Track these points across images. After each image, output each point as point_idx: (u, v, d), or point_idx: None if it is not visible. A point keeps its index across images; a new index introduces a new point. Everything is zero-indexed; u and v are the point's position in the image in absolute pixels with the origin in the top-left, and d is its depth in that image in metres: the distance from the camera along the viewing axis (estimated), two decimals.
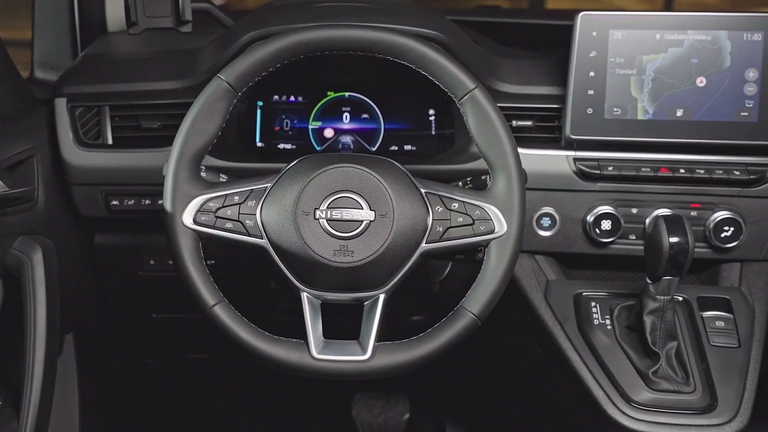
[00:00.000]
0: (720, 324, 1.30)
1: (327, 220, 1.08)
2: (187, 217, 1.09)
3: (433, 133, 1.47)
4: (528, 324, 1.37)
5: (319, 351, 1.08)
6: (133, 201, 1.39)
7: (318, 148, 1.48)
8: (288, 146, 1.48)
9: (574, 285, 1.38)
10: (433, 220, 1.10)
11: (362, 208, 1.08)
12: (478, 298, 1.09)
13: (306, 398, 2.01)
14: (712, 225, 1.35)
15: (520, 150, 1.33)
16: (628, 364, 1.25)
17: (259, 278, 1.50)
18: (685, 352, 1.26)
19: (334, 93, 1.49)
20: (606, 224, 1.36)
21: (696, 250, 1.36)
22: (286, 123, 1.49)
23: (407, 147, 1.47)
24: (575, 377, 1.26)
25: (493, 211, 1.10)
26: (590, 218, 1.36)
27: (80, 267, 1.46)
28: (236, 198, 1.11)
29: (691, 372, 1.23)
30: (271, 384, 1.97)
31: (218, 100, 1.11)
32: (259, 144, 1.48)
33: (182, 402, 1.98)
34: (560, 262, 1.44)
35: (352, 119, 1.48)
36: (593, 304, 1.33)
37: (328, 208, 1.08)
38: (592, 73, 1.32)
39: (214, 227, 1.10)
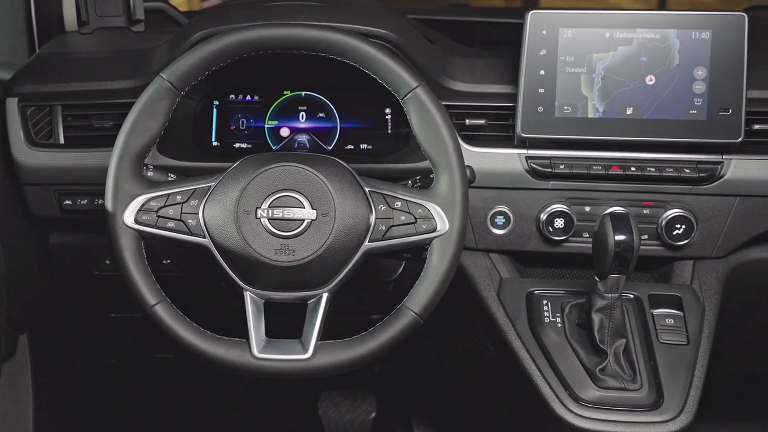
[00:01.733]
0: (670, 321, 1.30)
1: (268, 219, 1.08)
2: (128, 217, 1.09)
3: (389, 131, 1.47)
4: (481, 322, 1.38)
5: (260, 350, 1.08)
6: (86, 201, 1.38)
7: (274, 147, 1.48)
8: (244, 145, 1.48)
9: (527, 283, 1.38)
10: (375, 218, 1.11)
11: (304, 207, 1.09)
12: (419, 297, 1.09)
13: (273, 397, 2.01)
14: (664, 223, 1.35)
15: (474, 149, 1.36)
16: (576, 362, 1.25)
17: (213, 278, 1.50)
18: (633, 350, 1.26)
19: (291, 92, 1.49)
20: (559, 222, 1.36)
21: (649, 247, 1.38)
22: (242, 122, 1.48)
23: (363, 146, 1.47)
24: (524, 375, 1.26)
25: (435, 209, 1.10)
26: (543, 216, 1.36)
27: (35, 267, 1.46)
28: (179, 197, 1.11)
29: (639, 369, 1.24)
30: (237, 383, 1.97)
31: (160, 100, 1.11)
32: (214, 143, 1.48)
33: (148, 402, 1.98)
34: (516, 260, 1.45)
35: (308, 118, 1.48)
36: (545, 302, 1.34)
37: (269, 207, 1.08)
38: (542, 72, 1.32)
39: (155, 227, 1.10)
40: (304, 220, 1.08)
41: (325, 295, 1.11)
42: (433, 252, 1.10)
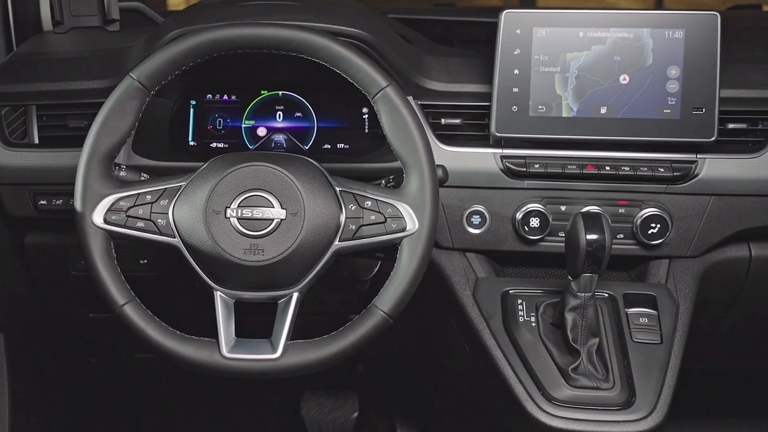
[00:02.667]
0: (644, 321, 1.30)
1: (237, 219, 1.08)
2: (97, 217, 1.09)
3: (366, 131, 1.47)
4: (457, 322, 1.38)
5: (229, 350, 1.08)
6: (61, 200, 1.38)
7: (251, 147, 1.48)
8: (221, 145, 1.48)
9: (502, 282, 1.38)
10: (345, 218, 1.11)
11: (273, 207, 1.09)
12: (389, 297, 1.10)
13: (255, 397, 2.01)
14: (639, 222, 1.35)
15: (450, 148, 1.36)
16: (550, 361, 1.25)
17: (189, 278, 1.50)
18: (606, 349, 1.26)
19: (268, 92, 1.49)
20: (534, 222, 1.36)
21: (624, 247, 1.38)
22: (219, 122, 1.48)
23: (340, 145, 1.47)
24: (498, 375, 1.26)
25: (405, 208, 1.11)
26: (519, 216, 1.36)
27: (11, 267, 1.46)
28: (148, 197, 1.11)
29: (612, 368, 1.24)
30: (219, 383, 1.97)
31: (129, 99, 1.11)
32: (191, 143, 1.48)
33: (129, 402, 1.98)
34: (493, 259, 1.45)
35: (285, 118, 1.48)
36: (519, 301, 1.34)
37: (239, 206, 1.08)
38: (516, 71, 1.32)
39: (125, 226, 1.10)
40: (273, 219, 1.08)
41: (295, 295, 1.11)
42: (403, 251, 1.10)
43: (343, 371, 2.04)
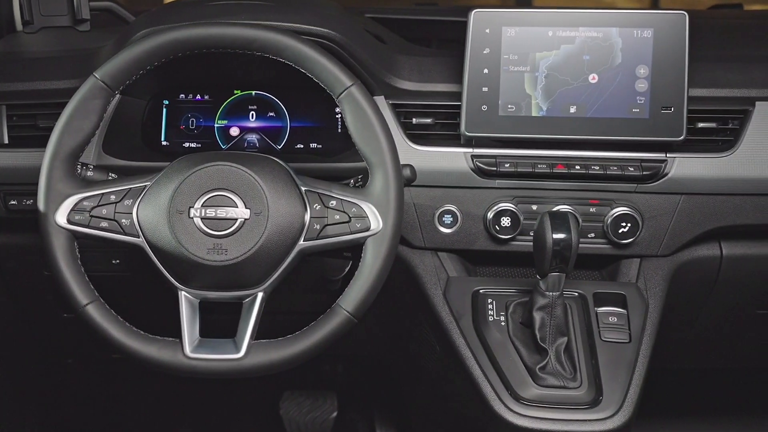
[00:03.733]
0: (613, 320, 1.30)
1: (201, 219, 1.08)
2: (61, 217, 1.09)
3: (339, 131, 1.47)
4: (428, 322, 1.38)
5: (192, 350, 1.09)
6: (31, 201, 1.38)
7: (223, 147, 1.48)
8: (193, 145, 1.48)
9: (473, 282, 1.38)
10: (310, 217, 1.11)
11: (237, 207, 1.09)
12: (353, 297, 1.10)
13: (234, 397, 2.00)
14: (609, 221, 1.35)
15: (421, 147, 1.36)
16: (518, 360, 1.25)
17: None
18: (575, 348, 1.26)
19: (241, 92, 1.49)
20: (506, 221, 1.36)
21: (596, 246, 1.38)
22: (192, 122, 1.48)
23: (313, 145, 1.47)
24: (467, 374, 1.26)
25: (369, 208, 1.11)
26: (490, 215, 1.36)
27: None
28: (113, 197, 1.11)
29: (579, 367, 1.24)
30: (198, 383, 1.97)
31: (93, 99, 1.11)
32: (164, 143, 1.48)
33: (106, 403, 1.97)
34: (465, 259, 1.45)
35: (258, 117, 1.48)
36: (489, 300, 1.34)
37: (202, 206, 1.08)
38: (486, 71, 1.32)
39: (88, 226, 1.10)
40: (237, 219, 1.08)
41: (260, 295, 1.11)
42: (367, 251, 1.10)
43: (323, 371, 2.04)
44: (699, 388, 2.00)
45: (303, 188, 1.13)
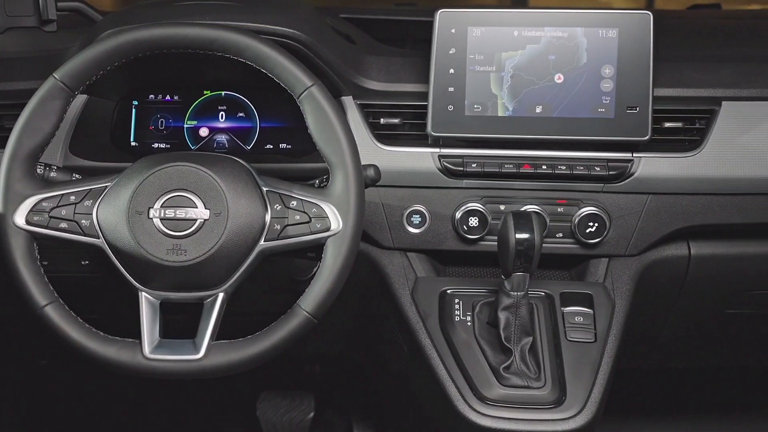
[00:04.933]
0: (579, 319, 1.30)
1: (160, 219, 1.08)
2: (19, 218, 1.09)
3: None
4: (396, 322, 1.37)
5: (151, 350, 1.08)
6: None
7: (193, 147, 1.47)
8: (162, 145, 1.48)
9: (441, 282, 1.38)
10: (271, 218, 1.11)
11: (196, 207, 1.08)
12: (312, 297, 1.09)
13: (211, 398, 2.00)
14: (576, 221, 1.35)
15: (388, 147, 1.36)
16: (483, 360, 1.25)
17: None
18: (540, 348, 1.26)
19: (211, 92, 1.49)
20: (473, 221, 1.36)
21: (564, 246, 1.38)
22: (161, 122, 1.48)
23: (282, 145, 1.47)
24: (432, 374, 1.26)
25: (329, 208, 1.10)
26: (458, 215, 1.36)
27: None
28: (72, 198, 1.11)
29: (544, 367, 1.24)
30: (175, 384, 1.96)
31: (52, 99, 1.11)
32: (133, 143, 1.47)
33: (83, 404, 1.97)
34: (435, 259, 1.45)
35: (227, 118, 1.48)
36: (456, 300, 1.34)
37: (161, 207, 1.08)
38: (452, 71, 1.32)
39: (47, 227, 1.10)
40: (196, 219, 1.08)
41: (221, 295, 1.11)
42: (328, 251, 1.10)
43: (300, 372, 2.04)
44: (671, 388, 2.01)
45: (264, 189, 1.13)
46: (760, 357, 1.74)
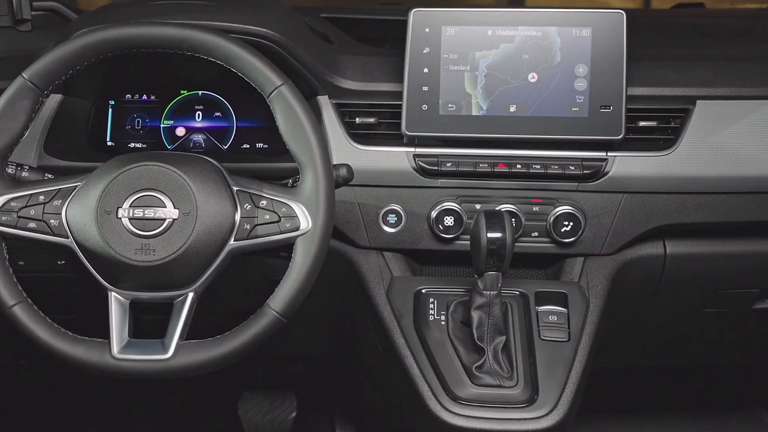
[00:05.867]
0: (553, 318, 1.30)
1: (129, 219, 1.08)
2: None
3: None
4: (371, 321, 1.37)
5: (119, 350, 1.08)
6: None
7: (169, 147, 1.47)
8: (139, 145, 1.47)
9: (416, 281, 1.38)
10: (240, 217, 1.10)
11: (165, 207, 1.08)
12: (281, 297, 1.09)
13: (193, 398, 2.00)
14: (552, 220, 1.35)
15: (363, 147, 1.36)
16: (456, 359, 1.25)
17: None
18: (513, 347, 1.26)
19: (188, 92, 1.49)
20: (449, 220, 1.36)
21: (539, 245, 1.38)
22: (138, 122, 1.48)
23: (259, 145, 1.47)
24: (406, 373, 1.26)
25: (299, 207, 1.10)
26: (434, 214, 1.36)
27: None
28: (41, 197, 1.11)
29: (517, 366, 1.24)
30: (156, 384, 1.96)
31: (21, 99, 1.11)
32: (109, 143, 1.47)
33: (63, 404, 1.96)
34: (412, 258, 1.45)
35: (204, 118, 1.48)
36: (431, 300, 1.34)
37: (130, 206, 1.08)
38: (426, 70, 1.32)
39: (16, 227, 1.10)
40: (165, 219, 1.08)
41: (190, 295, 1.11)
42: (297, 251, 1.10)
43: (282, 371, 2.04)
44: (650, 387, 2.01)
45: (235, 188, 1.12)
46: (738, 356, 1.74)
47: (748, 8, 2.43)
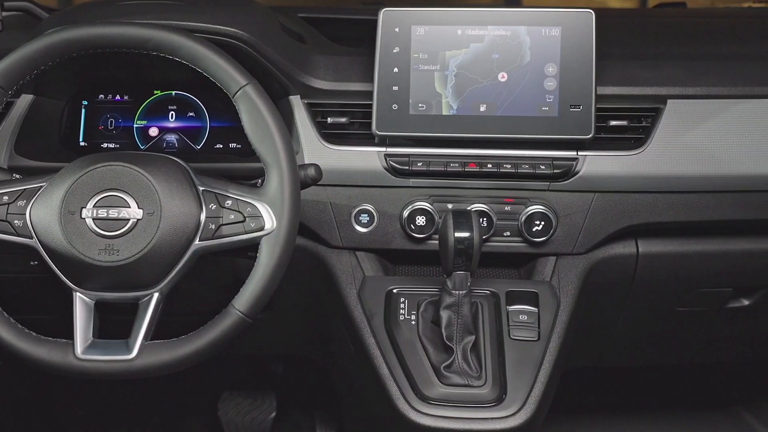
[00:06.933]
0: (523, 318, 1.30)
1: (93, 219, 1.08)
2: None
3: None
4: (343, 321, 1.37)
5: (83, 351, 1.08)
6: None
7: (142, 147, 1.47)
8: (112, 145, 1.47)
9: (388, 281, 1.38)
10: (205, 217, 1.10)
11: (129, 207, 1.08)
12: (246, 297, 1.09)
13: (172, 398, 2.00)
14: (523, 219, 1.35)
15: (335, 147, 1.36)
16: (425, 359, 1.25)
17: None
18: (482, 346, 1.26)
19: (161, 92, 1.48)
20: (421, 220, 1.36)
21: (512, 244, 1.38)
22: (111, 122, 1.48)
23: (232, 145, 1.47)
24: (375, 373, 1.26)
25: (264, 207, 1.10)
26: (406, 214, 1.36)
27: None
28: (5, 198, 1.11)
29: (486, 366, 1.24)
30: (135, 384, 1.96)
31: None
32: (82, 143, 1.47)
33: (42, 404, 1.96)
34: (386, 258, 1.44)
35: (177, 118, 1.48)
36: (402, 299, 1.34)
37: (94, 206, 1.08)
38: (396, 69, 1.32)
39: None
40: (129, 219, 1.08)
41: (155, 295, 1.11)
42: (262, 251, 1.10)
43: (262, 371, 2.04)
44: (628, 387, 2.01)
45: (200, 188, 1.12)
46: (712, 355, 1.74)
47: (730, 7, 2.43)
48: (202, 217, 1.10)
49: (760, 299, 1.50)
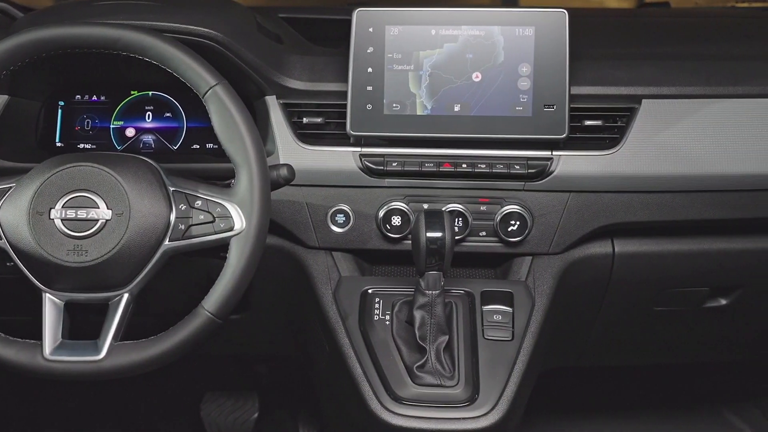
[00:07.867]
0: (497, 318, 1.30)
1: (62, 220, 1.07)
2: None
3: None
4: (319, 321, 1.37)
5: (51, 351, 1.08)
6: None
7: (119, 148, 1.47)
8: (88, 146, 1.47)
9: (364, 281, 1.38)
10: (175, 218, 1.10)
11: (98, 207, 1.08)
12: (215, 298, 1.09)
13: (155, 399, 1.99)
14: (499, 219, 1.35)
15: (310, 147, 1.35)
16: (398, 359, 1.25)
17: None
18: (456, 346, 1.26)
19: (138, 92, 1.48)
20: (396, 220, 1.36)
21: (487, 244, 1.38)
22: (88, 123, 1.48)
23: (209, 145, 1.47)
24: (349, 373, 1.26)
25: (233, 208, 1.10)
26: (381, 214, 1.36)
27: None
28: None
29: (459, 366, 1.24)
30: (118, 384, 1.96)
31: None
32: (58, 144, 1.47)
33: (26, 407, 1.96)
34: (363, 258, 1.44)
35: (154, 118, 1.48)
36: (377, 300, 1.34)
37: (63, 207, 1.08)
38: (370, 69, 1.32)
39: None
40: (98, 220, 1.07)
41: (125, 296, 1.10)
42: (231, 251, 1.10)
43: (245, 372, 2.04)
44: (611, 387, 2.01)
45: (171, 188, 1.12)
46: (692, 355, 1.74)
47: (713, 7, 2.42)
48: (172, 217, 1.10)
49: (737, 299, 1.50)
